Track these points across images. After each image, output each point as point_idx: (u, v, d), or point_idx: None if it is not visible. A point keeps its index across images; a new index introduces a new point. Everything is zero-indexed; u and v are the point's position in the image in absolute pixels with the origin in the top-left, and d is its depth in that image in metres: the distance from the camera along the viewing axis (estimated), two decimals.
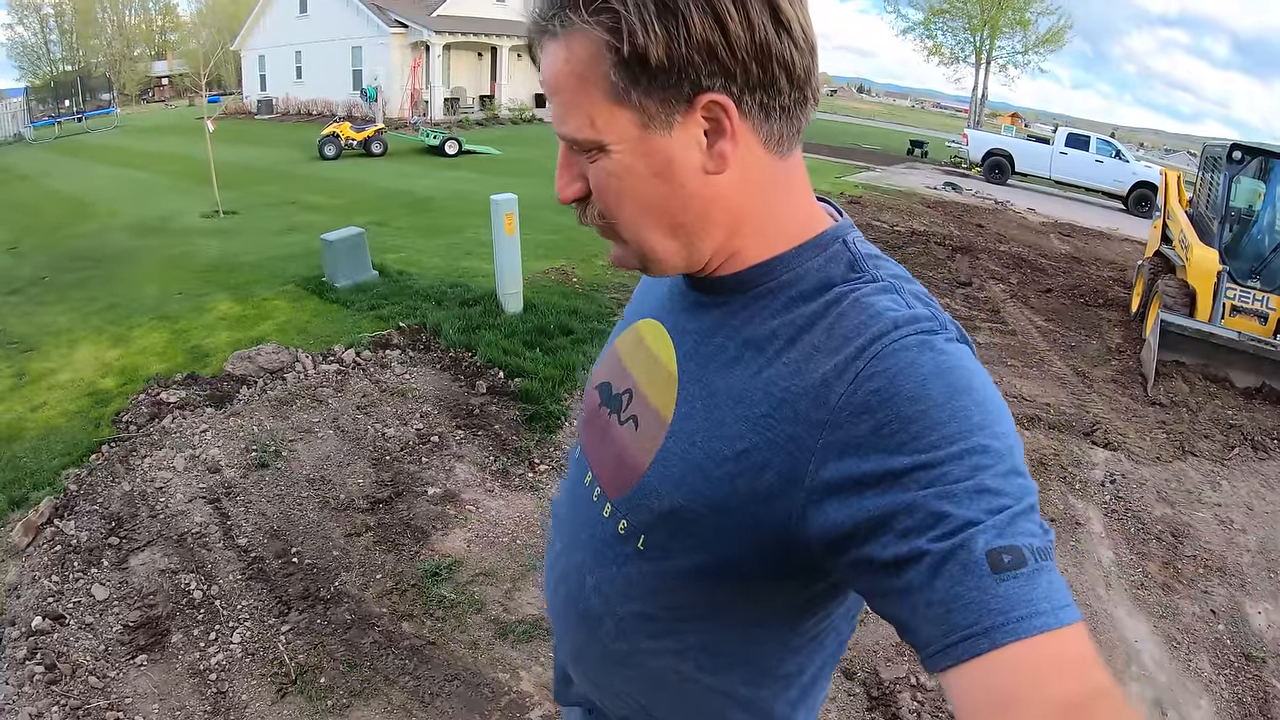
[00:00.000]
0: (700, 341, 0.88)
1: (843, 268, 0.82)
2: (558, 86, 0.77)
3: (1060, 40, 32.43)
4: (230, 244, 9.12)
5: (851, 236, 0.86)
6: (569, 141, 0.80)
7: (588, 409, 1.07)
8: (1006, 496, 0.64)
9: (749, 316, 0.84)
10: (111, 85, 35.59)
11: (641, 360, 0.98)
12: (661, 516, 0.85)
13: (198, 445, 4.37)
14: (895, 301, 0.77)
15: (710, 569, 0.84)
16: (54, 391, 5.18)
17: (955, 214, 14.30)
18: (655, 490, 0.86)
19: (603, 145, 0.77)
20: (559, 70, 0.76)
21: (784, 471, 0.75)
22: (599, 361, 1.12)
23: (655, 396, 0.91)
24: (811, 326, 0.78)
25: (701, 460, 0.81)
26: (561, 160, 0.84)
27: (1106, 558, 4.14)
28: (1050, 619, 0.59)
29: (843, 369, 0.72)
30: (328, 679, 2.90)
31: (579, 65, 0.75)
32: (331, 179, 14.46)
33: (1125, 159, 19.74)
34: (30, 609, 3.14)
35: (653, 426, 0.89)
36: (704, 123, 0.76)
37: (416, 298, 6.77)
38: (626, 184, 0.80)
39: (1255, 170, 7.68)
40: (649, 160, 0.78)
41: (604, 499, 0.95)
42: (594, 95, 0.75)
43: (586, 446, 1.04)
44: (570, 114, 0.78)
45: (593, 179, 0.81)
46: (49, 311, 6.83)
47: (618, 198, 0.81)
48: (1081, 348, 7.45)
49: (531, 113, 29.22)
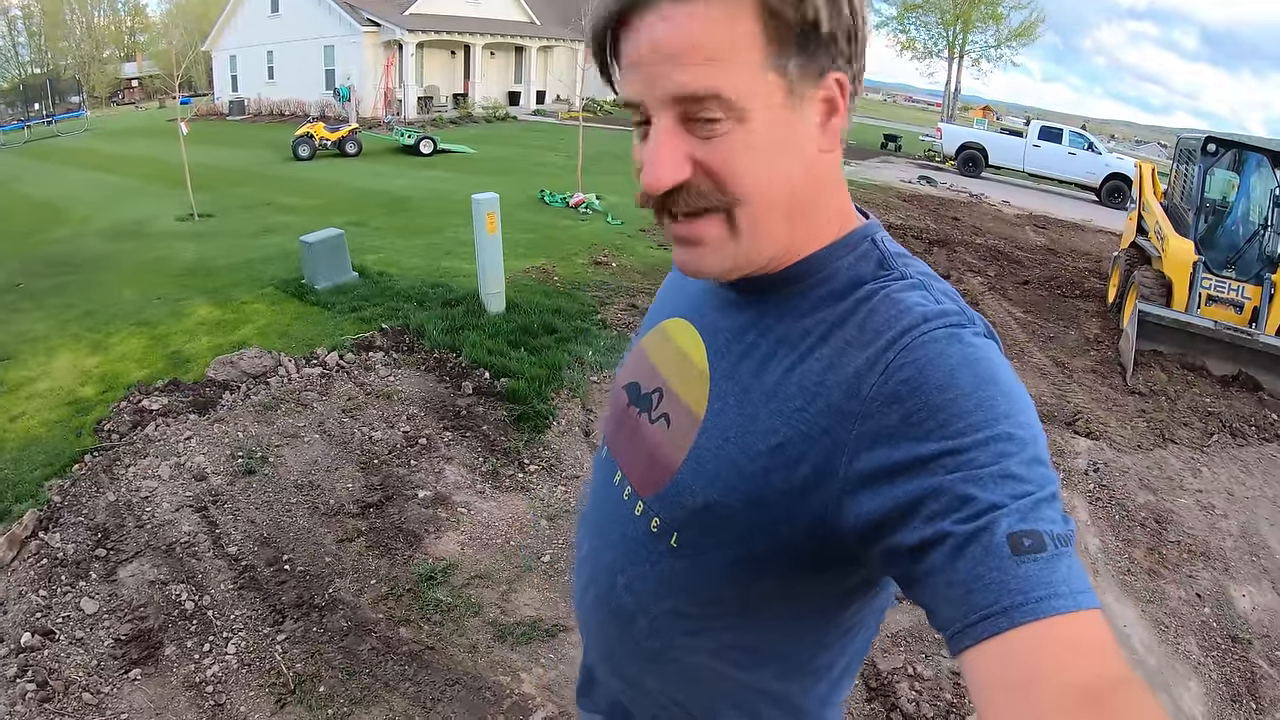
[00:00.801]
0: (733, 339, 0.89)
1: (873, 265, 0.83)
2: (697, 43, 0.71)
3: (1032, 34, 32.76)
4: (207, 247, 9.01)
5: (880, 235, 0.88)
6: (698, 100, 0.73)
7: (615, 409, 1.07)
8: (1030, 483, 0.65)
9: (781, 315, 0.85)
10: (81, 88, 35.15)
11: (671, 359, 0.98)
12: (695, 513, 0.86)
13: (182, 453, 4.32)
14: (924, 297, 0.78)
15: (745, 564, 0.84)
16: (33, 401, 5.10)
17: (931, 207, 14.40)
18: (689, 487, 0.86)
19: (744, 112, 0.74)
20: (703, 26, 0.71)
21: (818, 464, 0.76)
22: (623, 363, 1.12)
23: (687, 394, 0.92)
24: (844, 323, 0.79)
25: (735, 455, 0.82)
26: (664, 136, 0.76)
27: (1093, 545, 4.19)
28: (1069, 601, 0.60)
29: (874, 361, 0.74)
30: (327, 688, 2.88)
31: (731, 22, 0.71)
32: (306, 180, 14.33)
33: (1098, 151, 19.96)
34: (19, 625, 3.10)
35: (685, 424, 0.90)
36: (822, 102, 0.77)
37: (398, 299, 6.72)
38: (764, 157, 0.76)
39: (1229, 162, 7.81)
40: (787, 132, 0.76)
41: (635, 498, 0.95)
42: (747, 57, 0.72)
43: (614, 446, 1.04)
44: (714, 67, 0.72)
45: (714, 154, 0.75)
46: (25, 319, 6.72)
47: (749, 174, 0.76)
48: (1060, 339, 7.54)
49: (505, 110, 29.11)
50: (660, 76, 0.73)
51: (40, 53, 44.03)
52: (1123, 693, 0.56)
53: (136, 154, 18.77)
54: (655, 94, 0.75)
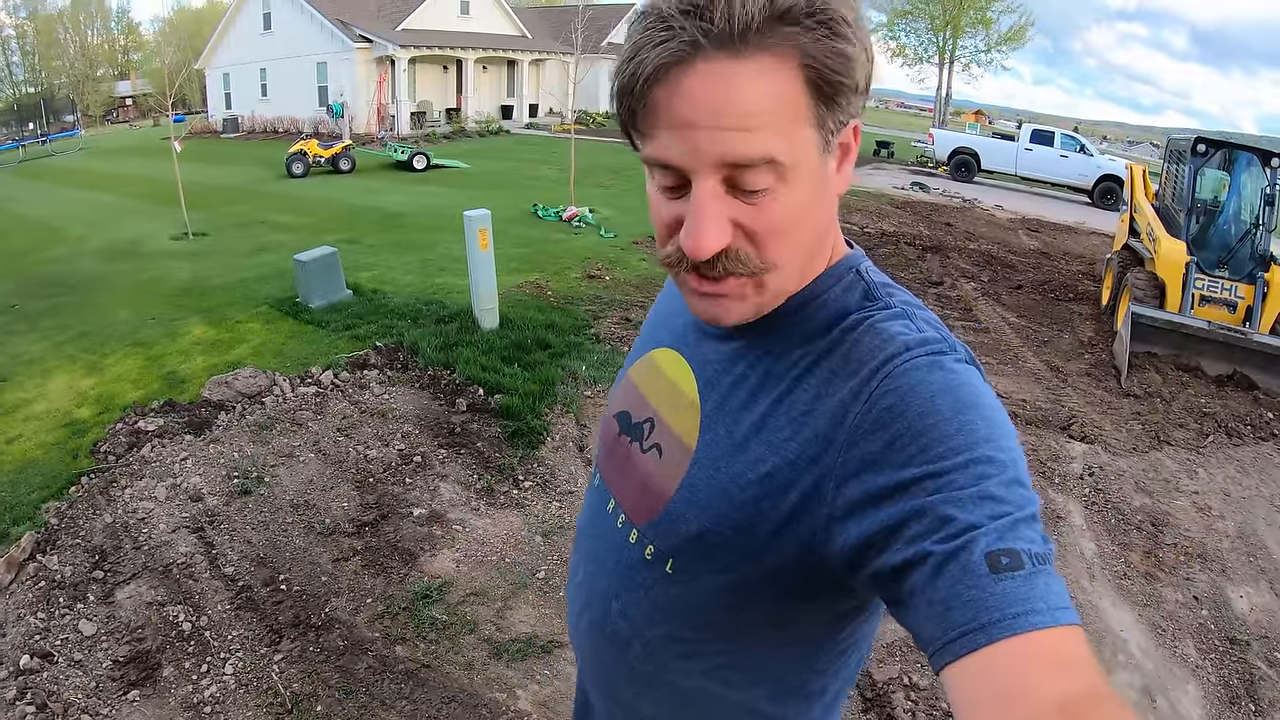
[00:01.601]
0: (722, 370, 0.91)
1: (858, 296, 0.85)
2: (752, 108, 0.70)
3: (1022, 38, 32.93)
4: (201, 266, 9.02)
5: (864, 265, 0.90)
6: (751, 166, 0.72)
7: (606, 438, 1.09)
8: (1009, 504, 0.66)
9: (769, 346, 0.87)
10: (75, 107, 35.23)
11: (661, 389, 1.00)
12: (689, 541, 0.87)
13: (178, 474, 4.33)
14: (907, 326, 0.80)
15: (737, 590, 0.86)
16: (29, 423, 5.10)
17: (924, 213, 14.45)
18: (682, 515, 0.88)
19: (792, 173, 0.73)
20: (756, 88, 0.70)
21: (806, 491, 0.77)
22: (613, 392, 1.14)
23: (678, 424, 0.93)
24: (830, 353, 0.81)
25: (727, 484, 0.84)
26: (709, 204, 0.74)
27: (1089, 549, 4.19)
28: (1046, 618, 0.60)
29: (858, 390, 0.76)
30: (324, 707, 2.88)
31: (783, 84, 0.70)
32: (300, 197, 14.34)
33: (1089, 153, 20.03)
34: (17, 648, 3.10)
35: (677, 454, 0.91)
36: (839, 148, 0.79)
37: (392, 316, 6.74)
38: (804, 216, 0.78)
39: (1219, 162, 7.84)
40: (819, 186, 0.78)
41: (629, 525, 0.97)
42: (795, 116, 0.72)
43: (606, 475, 1.06)
44: (767, 134, 0.71)
45: (759, 219, 0.75)
46: (20, 341, 6.72)
47: (792, 234, 0.78)
48: (1054, 343, 7.55)
49: (498, 124, 29.17)
50: (712, 141, 0.71)
51: (34, 72, 44.15)
52: (1101, 708, 0.56)
53: (131, 173, 18.79)
54: (704, 159, 0.72)
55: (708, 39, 0.68)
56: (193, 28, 45.94)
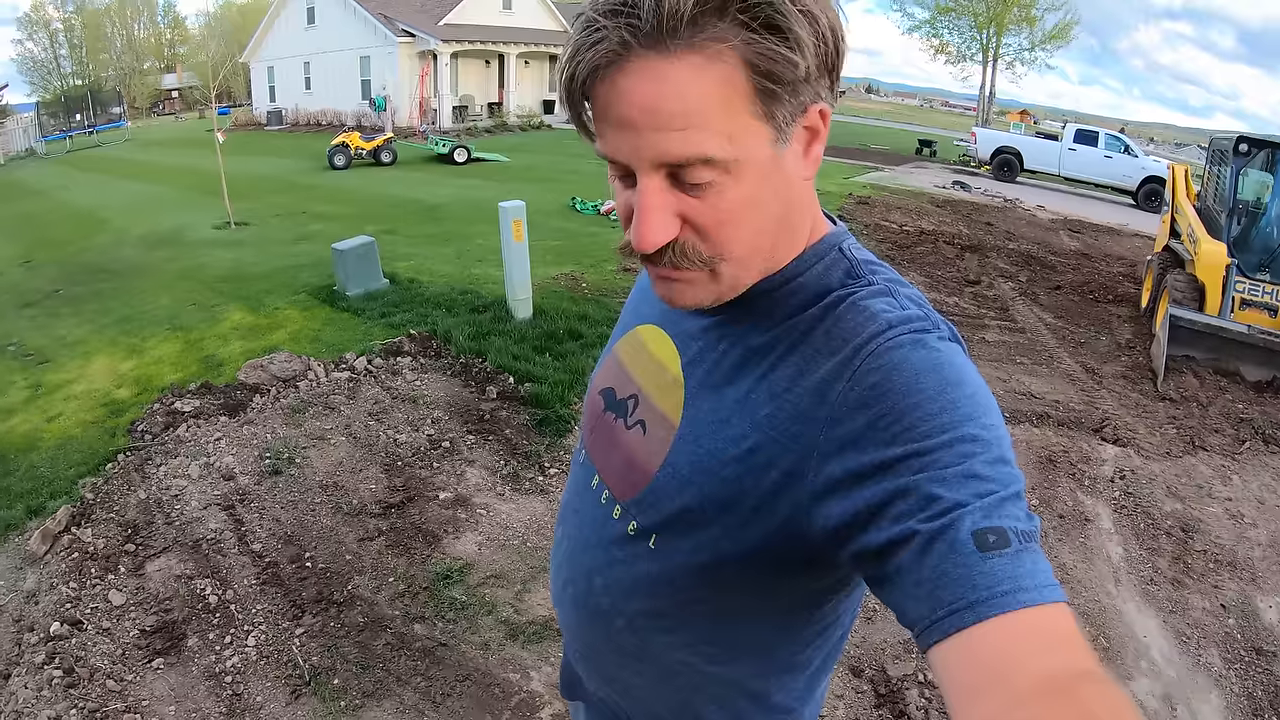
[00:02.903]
0: (706, 348, 0.92)
1: (840, 274, 0.85)
2: (686, 107, 0.70)
3: (1067, 36, 32.32)
4: (242, 255, 9.20)
5: (847, 243, 0.89)
6: (689, 163, 0.73)
7: (590, 414, 1.10)
8: (994, 482, 0.66)
9: (753, 323, 0.87)
10: (121, 99, 36.01)
11: (645, 366, 1.01)
12: (672, 517, 0.88)
13: (212, 453, 4.43)
14: (890, 304, 0.80)
15: (720, 565, 0.86)
16: (70, 402, 5.25)
17: (964, 213, 14.27)
18: (666, 491, 0.89)
19: (732, 164, 0.73)
20: (692, 87, 0.70)
21: (789, 469, 0.78)
22: (599, 366, 1.14)
23: (662, 401, 0.94)
24: (811, 331, 0.82)
25: (709, 461, 0.85)
26: (652, 199, 0.75)
27: (1116, 554, 4.13)
28: (1035, 595, 0.61)
29: (841, 367, 0.76)
30: (341, 680, 2.94)
31: (720, 78, 0.70)
32: (341, 189, 14.55)
33: (1134, 154, 19.63)
34: (48, 615, 3.20)
35: (661, 430, 0.92)
36: (804, 130, 0.78)
37: (427, 305, 6.82)
38: (754, 207, 0.77)
39: (1262, 163, 7.65)
40: (773, 174, 0.77)
41: (613, 501, 0.98)
42: (735, 111, 0.72)
43: (591, 450, 1.07)
44: (702, 133, 0.71)
45: (706, 211, 0.76)
46: (64, 324, 6.92)
47: (741, 225, 0.78)
48: (1091, 344, 7.43)
49: (540, 119, 29.31)
50: (648, 141, 0.72)
51: (81, 65, 45.23)
52: (1089, 684, 0.57)
53: (175, 164, 19.18)
54: (643, 157, 0.73)
55: (637, 38, 0.69)
56: (237, 22, 46.77)
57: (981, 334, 7.38)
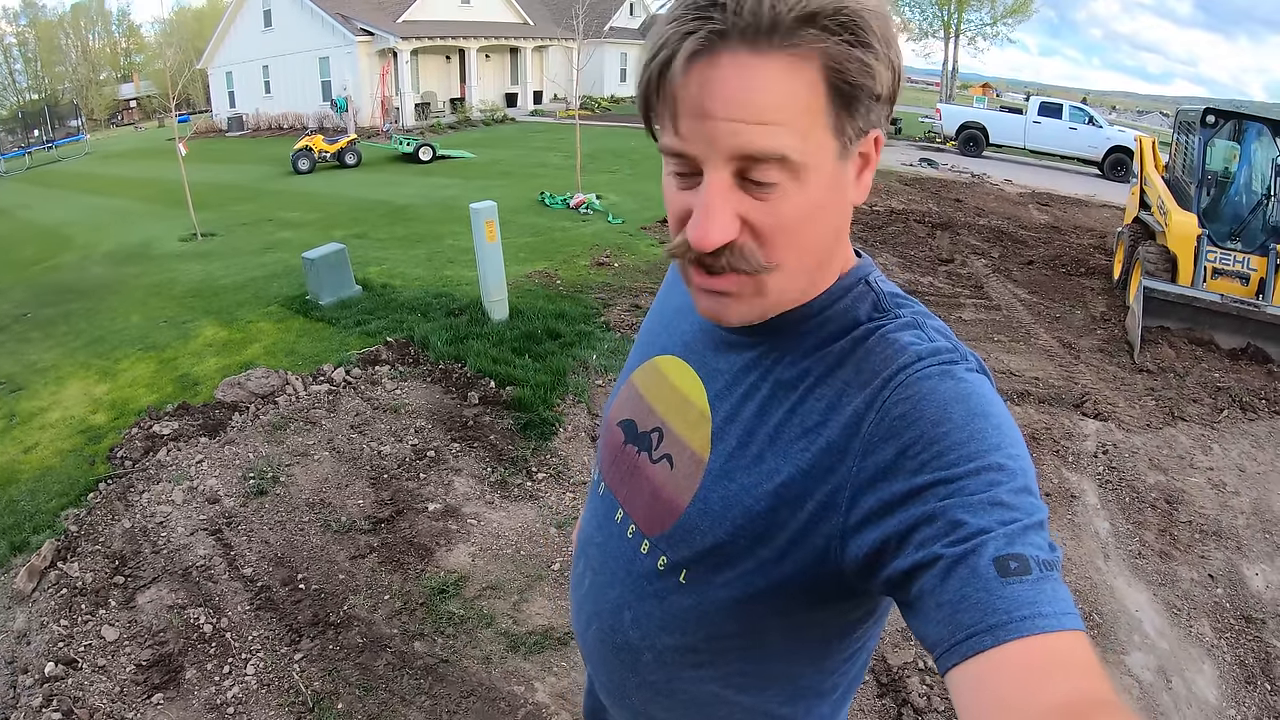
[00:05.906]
0: (733, 381, 0.91)
1: (868, 307, 0.86)
2: (772, 102, 0.71)
3: (1027, 9, 32.57)
4: (211, 267, 9.07)
5: (873, 275, 0.90)
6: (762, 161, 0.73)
7: (609, 446, 1.08)
8: (1018, 511, 0.67)
9: (780, 356, 0.87)
10: (79, 111, 35.33)
11: (669, 398, 1.00)
12: (704, 552, 0.88)
13: (195, 476, 4.37)
14: (918, 336, 0.81)
15: (752, 600, 0.86)
16: (46, 431, 5.15)
17: (933, 190, 14.35)
18: (696, 527, 0.89)
19: (802, 171, 0.74)
20: (779, 84, 0.71)
21: (823, 501, 0.78)
22: (614, 396, 1.13)
23: (689, 435, 0.94)
24: (841, 364, 0.82)
25: (742, 496, 0.85)
26: (717, 197, 0.75)
27: (1103, 529, 4.19)
28: (1053, 621, 0.61)
29: (871, 400, 0.77)
30: (345, 704, 2.91)
31: (806, 82, 0.71)
32: (307, 193, 14.38)
33: (1099, 124, 19.84)
34: (42, 655, 3.14)
35: (689, 465, 0.92)
36: (859, 156, 0.80)
37: (402, 310, 6.76)
38: (812, 218, 0.78)
39: (1229, 132, 7.76)
40: (834, 192, 0.78)
41: (640, 536, 0.97)
42: (813, 119, 0.73)
43: (612, 483, 1.06)
44: (782, 130, 0.72)
45: (766, 216, 0.76)
46: (34, 349, 6.78)
47: (798, 234, 0.78)
48: (1066, 319, 7.51)
49: (503, 112, 29.12)
50: (728, 133, 0.72)
51: (37, 79, 44.37)
52: (1105, 714, 0.56)
53: (138, 175, 18.88)
54: (718, 150, 0.73)
55: (734, 32, 0.70)
56: (194, 28, 46.00)
57: (958, 313, 7.43)
